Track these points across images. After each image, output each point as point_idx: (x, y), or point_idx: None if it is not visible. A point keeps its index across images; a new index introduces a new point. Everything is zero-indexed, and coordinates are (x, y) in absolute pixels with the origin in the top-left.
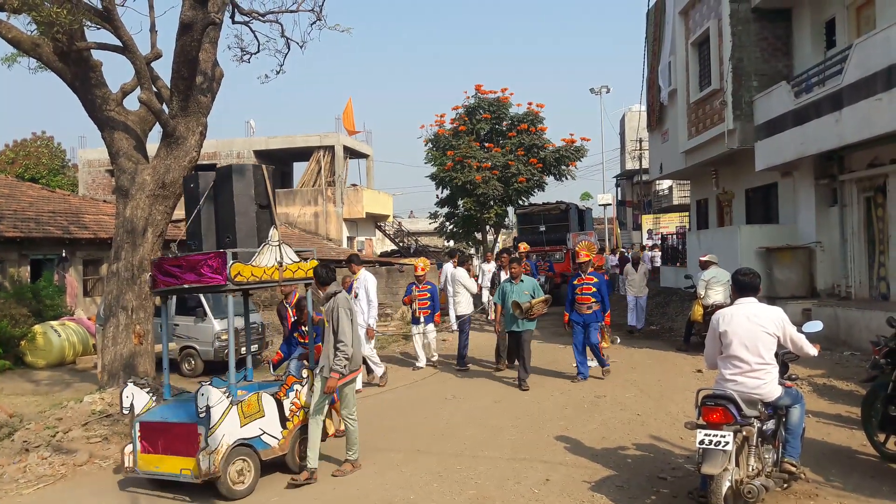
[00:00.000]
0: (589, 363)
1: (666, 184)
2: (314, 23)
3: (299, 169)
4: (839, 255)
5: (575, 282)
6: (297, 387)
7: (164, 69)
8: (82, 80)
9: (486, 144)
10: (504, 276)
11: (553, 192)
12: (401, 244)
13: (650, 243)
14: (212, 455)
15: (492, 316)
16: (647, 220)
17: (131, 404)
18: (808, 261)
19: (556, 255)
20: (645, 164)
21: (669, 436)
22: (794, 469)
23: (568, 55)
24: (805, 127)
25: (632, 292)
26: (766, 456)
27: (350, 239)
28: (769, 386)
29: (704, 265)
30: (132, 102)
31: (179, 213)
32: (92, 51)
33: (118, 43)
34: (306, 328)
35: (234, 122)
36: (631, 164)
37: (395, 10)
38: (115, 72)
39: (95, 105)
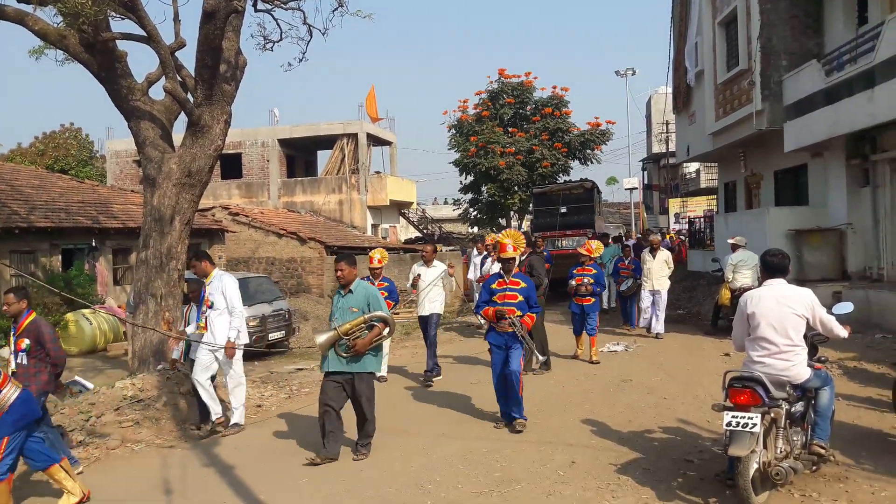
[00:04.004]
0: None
1: (693, 167)
2: (336, 9)
3: (323, 157)
4: (871, 237)
5: (494, 285)
6: None
7: (188, 58)
8: (108, 71)
9: (510, 129)
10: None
11: (578, 176)
12: (425, 231)
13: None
14: None
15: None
16: (674, 204)
17: None
18: (838, 243)
19: (563, 243)
20: (672, 147)
21: (697, 419)
22: (823, 451)
23: (593, 38)
24: (836, 106)
25: (646, 286)
26: (795, 438)
27: (374, 226)
28: (798, 368)
29: (733, 248)
30: (157, 92)
31: (206, 201)
32: (117, 41)
33: (142, 33)
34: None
35: (259, 111)
36: (657, 148)
37: None
38: (140, 62)
39: (121, 95)
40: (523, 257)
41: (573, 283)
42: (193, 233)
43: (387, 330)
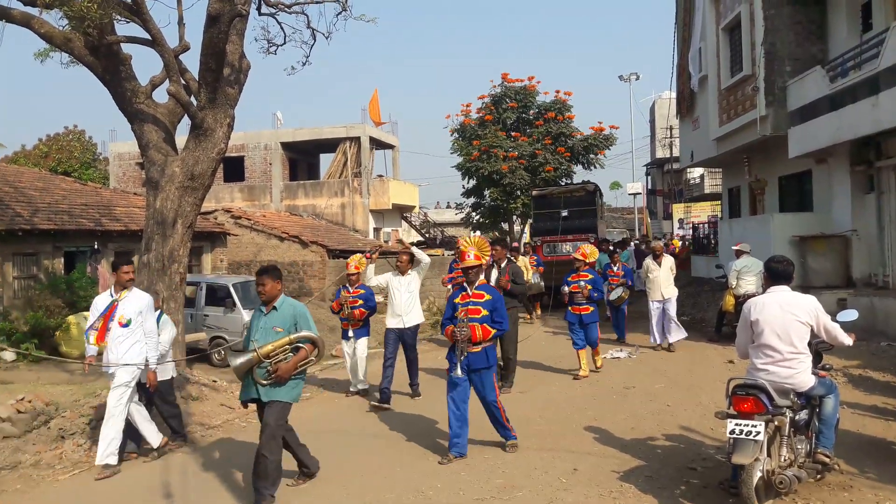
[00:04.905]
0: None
1: (697, 172)
2: (339, 13)
3: (326, 160)
4: (876, 244)
5: (458, 299)
6: None
7: (191, 62)
8: (112, 74)
9: (513, 134)
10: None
11: (581, 180)
12: (427, 235)
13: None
14: None
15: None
16: (678, 209)
17: None
18: (843, 249)
19: (564, 248)
20: (675, 153)
21: (700, 426)
22: (827, 460)
23: (596, 42)
24: (840, 112)
25: (654, 296)
26: (799, 446)
27: (376, 230)
28: (802, 375)
29: (737, 254)
30: (161, 95)
31: (208, 204)
32: (121, 44)
33: (147, 36)
34: None
35: (262, 115)
36: (661, 153)
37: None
38: (144, 65)
39: (125, 98)
40: (503, 265)
41: (566, 288)
42: (195, 236)
43: (315, 353)
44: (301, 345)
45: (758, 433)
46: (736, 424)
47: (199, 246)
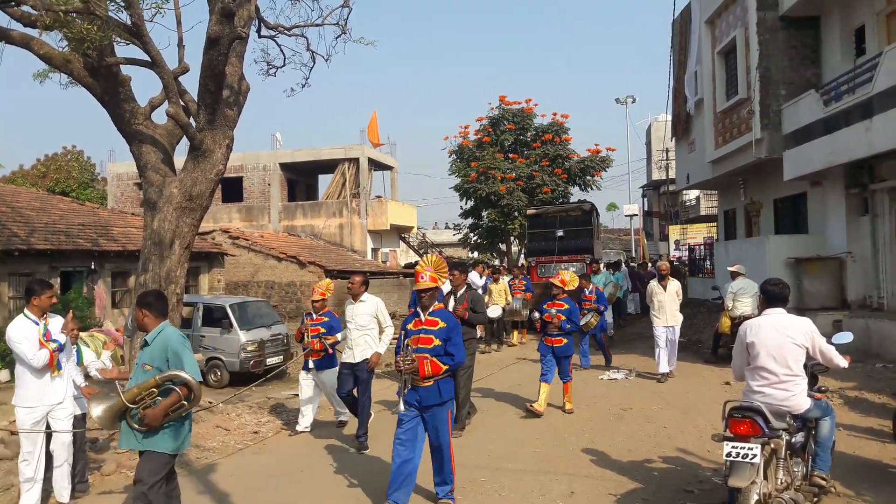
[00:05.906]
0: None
1: (693, 194)
2: (339, 36)
3: (324, 181)
4: (871, 266)
5: (410, 325)
6: None
7: (191, 83)
8: (111, 95)
9: (511, 155)
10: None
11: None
12: (424, 255)
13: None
14: None
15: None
16: (674, 231)
17: None
18: (838, 271)
19: (559, 268)
20: (672, 175)
21: (697, 449)
22: (824, 483)
23: (593, 66)
24: (834, 136)
25: (660, 321)
26: (796, 469)
27: (374, 251)
28: (798, 398)
29: (733, 276)
30: (160, 116)
31: (206, 225)
32: (121, 66)
33: (147, 58)
34: None
35: (261, 136)
36: (657, 175)
37: (418, 23)
38: (144, 86)
39: (124, 119)
40: (461, 292)
41: (536, 314)
42: (192, 256)
43: (192, 396)
44: (173, 387)
45: (754, 456)
46: (732, 447)
47: (196, 266)
